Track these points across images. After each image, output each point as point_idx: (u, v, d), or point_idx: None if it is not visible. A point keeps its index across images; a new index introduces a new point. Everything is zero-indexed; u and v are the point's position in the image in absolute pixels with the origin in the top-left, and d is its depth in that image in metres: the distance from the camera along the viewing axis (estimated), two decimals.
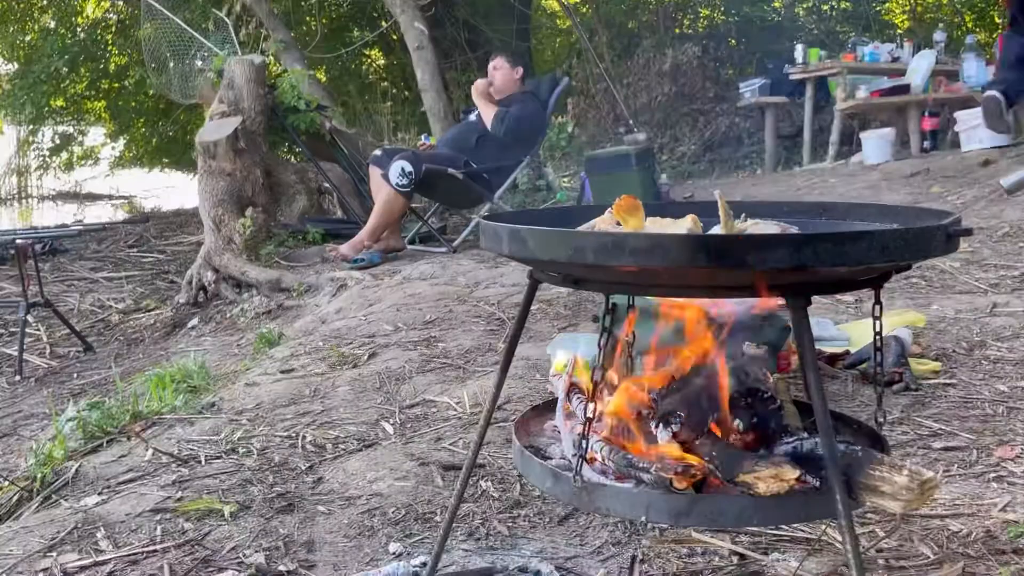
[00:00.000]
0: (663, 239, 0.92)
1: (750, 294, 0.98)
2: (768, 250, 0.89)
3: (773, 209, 1.43)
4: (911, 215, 1.22)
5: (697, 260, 0.90)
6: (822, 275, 0.96)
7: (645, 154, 5.65)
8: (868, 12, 10.35)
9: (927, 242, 0.95)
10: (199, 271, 5.06)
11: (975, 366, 2.35)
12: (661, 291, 1.00)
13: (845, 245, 0.90)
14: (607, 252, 0.92)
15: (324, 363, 2.85)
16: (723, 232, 1.09)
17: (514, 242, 1.02)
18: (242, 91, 5.37)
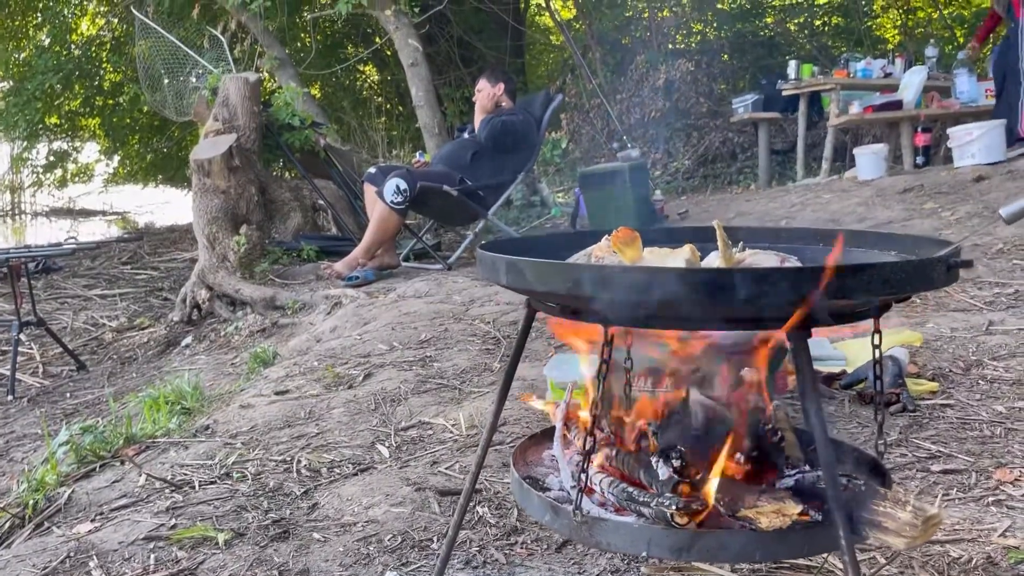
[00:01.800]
0: (661, 273, 0.91)
1: (750, 327, 0.97)
2: (767, 284, 0.88)
3: (771, 235, 1.43)
4: (909, 243, 1.22)
5: (695, 294, 0.89)
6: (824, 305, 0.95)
7: (639, 170, 5.66)
8: (860, 28, 10.43)
9: (928, 274, 0.94)
10: (193, 289, 5.04)
11: (972, 386, 2.34)
12: (659, 324, 0.99)
13: (846, 278, 0.89)
14: (605, 285, 0.92)
15: (319, 384, 2.83)
16: (721, 262, 1.08)
17: (511, 273, 1.02)
18: (236, 109, 5.37)
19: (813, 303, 0.91)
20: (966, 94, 6.16)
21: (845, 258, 1.25)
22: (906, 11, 11.54)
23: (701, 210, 6.03)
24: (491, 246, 1.19)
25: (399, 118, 11.09)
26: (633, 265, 1.03)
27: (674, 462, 0.97)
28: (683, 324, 0.99)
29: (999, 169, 5.00)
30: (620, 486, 1.06)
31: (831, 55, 9.45)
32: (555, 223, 6.60)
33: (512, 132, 4.92)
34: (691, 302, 0.90)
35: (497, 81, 5.18)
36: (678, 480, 0.97)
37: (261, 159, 5.69)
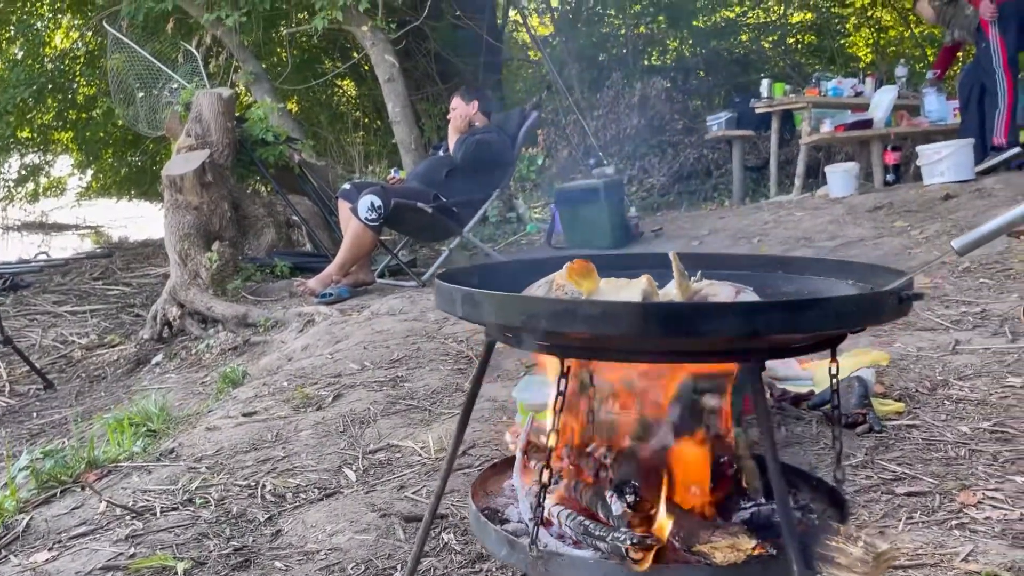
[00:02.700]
0: (615, 307, 0.91)
1: (703, 360, 0.97)
2: (720, 318, 0.88)
3: (732, 262, 1.44)
4: (866, 272, 1.22)
5: (648, 328, 0.89)
6: (775, 341, 0.96)
7: (614, 187, 5.69)
8: (832, 46, 10.57)
9: (879, 308, 0.95)
10: (164, 306, 4.99)
11: (938, 406, 2.36)
12: (614, 356, 0.99)
13: (797, 312, 0.89)
14: (561, 319, 0.92)
15: (288, 405, 2.80)
16: (677, 292, 1.08)
17: (467, 305, 1.01)
18: (210, 124, 5.34)
19: (765, 338, 0.91)
20: (935, 113, 6.26)
21: (802, 288, 1.26)
22: (878, 30, 11.73)
23: (676, 227, 6.06)
24: (450, 275, 1.18)
25: (376, 133, 11.08)
26: (586, 299, 1.03)
27: (627, 497, 0.97)
28: (637, 357, 0.99)
29: (967, 187, 5.07)
30: (577, 519, 1.05)
31: (804, 73, 9.57)
32: (531, 239, 6.61)
33: (487, 150, 4.92)
34: (643, 336, 0.90)
35: (472, 99, 5.19)
36: (632, 515, 0.97)
37: (234, 175, 5.66)
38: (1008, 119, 5.48)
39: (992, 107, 5.51)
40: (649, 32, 10.48)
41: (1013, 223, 1.00)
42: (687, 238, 5.51)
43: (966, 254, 1.06)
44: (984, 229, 1.01)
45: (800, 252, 4.52)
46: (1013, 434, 2.12)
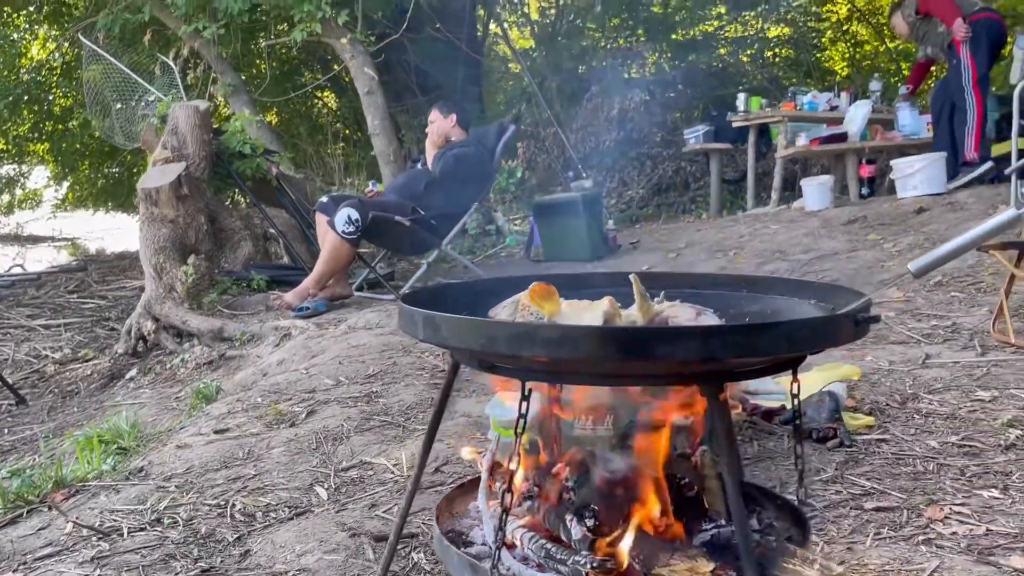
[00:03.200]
0: (573, 331, 0.91)
1: (662, 383, 0.97)
2: (676, 343, 0.89)
3: (698, 281, 1.45)
4: (827, 292, 1.24)
5: (606, 352, 0.89)
6: (732, 363, 0.96)
7: (592, 200, 5.72)
8: (809, 60, 10.69)
9: (835, 331, 0.96)
10: (138, 320, 4.94)
11: (908, 420, 2.38)
12: (574, 379, 0.99)
13: (753, 336, 0.90)
14: (519, 342, 0.92)
15: (261, 422, 2.78)
16: (639, 314, 1.09)
17: (428, 328, 1.01)
18: (186, 137, 5.31)
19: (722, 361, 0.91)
20: (908, 127, 6.34)
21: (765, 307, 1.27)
22: (853, 44, 11.88)
23: (653, 239, 6.09)
24: (413, 297, 1.18)
25: (356, 144, 11.06)
26: (545, 323, 1.03)
27: (587, 521, 0.97)
28: (597, 380, 0.99)
29: (940, 200, 5.14)
30: (540, 542, 1.05)
31: (781, 86, 9.67)
32: (510, 252, 6.62)
33: (465, 164, 4.93)
34: (601, 360, 0.90)
35: (450, 112, 5.20)
36: (593, 538, 0.97)
37: (211, 187, 5.63)
38: (978, 135, 5.56)
39: (961, 123, 5.59)
40: (628, 45, 10.54)
41: (967, 246, 1.01)
42: (664, 250, 5.54)
43: (922, 276, 1.07)
44: (940, 252, 1.03)
45: (775, 265, 4.56)
46: (980, 448, 2.15)
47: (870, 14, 12.02)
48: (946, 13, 5.72)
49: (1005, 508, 1.82)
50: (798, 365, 1.09)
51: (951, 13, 5.69)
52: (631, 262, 5.46)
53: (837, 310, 1.12)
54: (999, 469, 2.02)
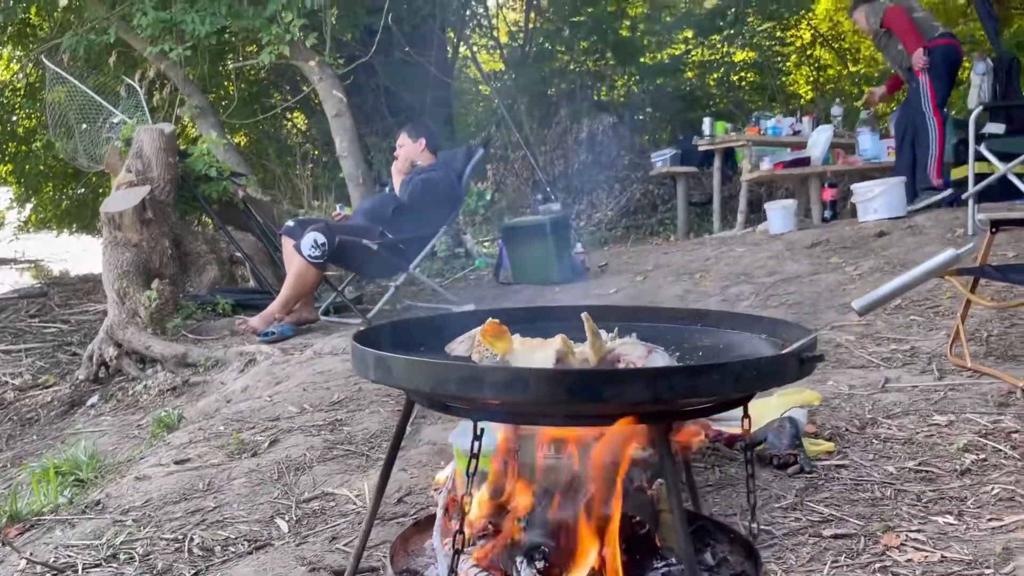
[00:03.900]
0: (522, 374, 0.92)
1: (611, 423, 0.98)
2: (624, 385, 0.89)
3: (653, 315, 1.46)
4: (777, 327, 1.26)
5: (555, 394, 0.90)
6: (680, 403, 0.97)
7: (561, 223, 5.75)
8: (773, 83, 10.88)
9: (780, 370, 0.97)
10: (100, 346, 4.87)
11: (866, 445, 2.41)
12: (525, 420, 0.99)
13: (698, 378, 0.91)
14: (469, 385, 0.92)
15: (222, 451, 2.74)
16: (590, 353, 1.10)
17: (380, 369, 1.01)
18: (151, 160, 5.27)
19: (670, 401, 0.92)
20: (869, 151, 6.47)
21: (717, 342, 1.28)
22: (817, 68, 12.11)
23: (621, 262, 6.13)
24: (367, 335, 1.18)
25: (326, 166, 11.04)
26: (494, 366, 1.03)
27: (537, 563, 0.97)
28: (548, 420, 1.00)
29: (900, 224, 5.23)
30: None
31: (747, 109, 9.82)
32: (479, 274, 6.62)
33: (433, 189, 4.94)
34: (550, 402, 0.91)
35: (419, 136, 5.21)
36: None
37: (176, 211, 5.58)
38: (940, 160, 5.67)
39: (924, 148, 5.69)
40: (598, 69, 10.67)
41: (909, 285, 1.03)
42: (632, 273, 5.58)
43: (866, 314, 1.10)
44: (883, 291, 1.05)
45: (740, 288, 4.61)
46: (936, 474, 2.18)
47: (833, 39, 12.29)
48: (907, 39, 5.81)
49: (960, 535, 1.84)
50: (747, 402, 1.10)
51: (912, 40, 5.78)
52: (599, 285, 5.49)
53: (786, 346, 1.14)
54: (954, 495, 2.05)
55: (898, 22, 5.88)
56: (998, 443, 2.32)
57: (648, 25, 11.15)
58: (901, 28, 5.87)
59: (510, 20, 11.68)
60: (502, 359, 1.09)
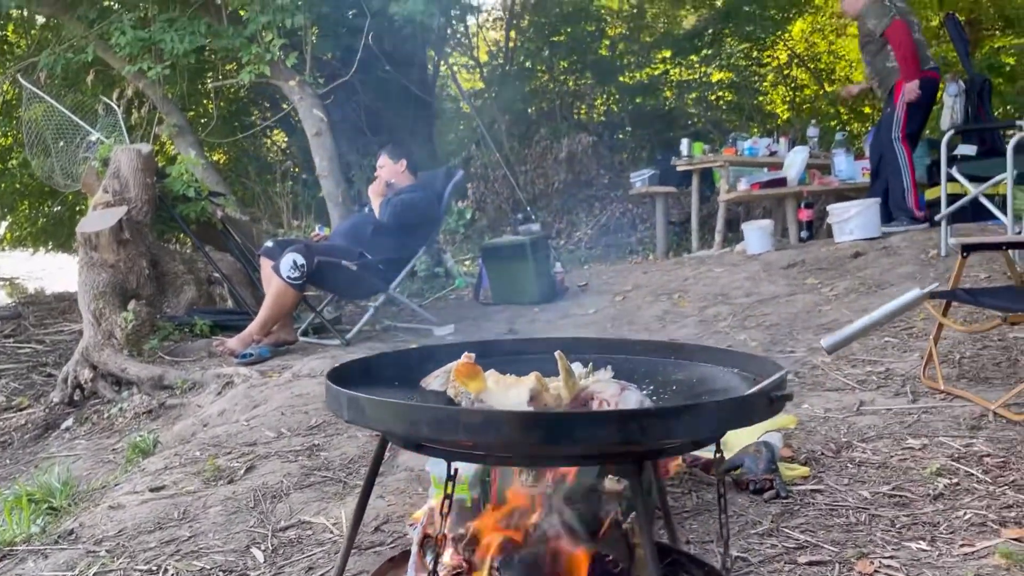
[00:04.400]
0: (495, 416, 0.93)
1: (584, 463, 0.99)
2: (595, 427, 0.90)
3: (628, 348, 1.47)
4: (749, 362, 1.27)
5: (527, 436, 0.90)
6: (652, 443, 0.98)
7: (540, 243, 5.77)
8: (750, 103, 11.01)
9: (749, 411, 0.98)
10: (76, 368, 4.82)
11: (841, 469, 2.43)
12: (499, 460, 1.00)
13: (670, 419, 0.92)
14: (442, 427, 0.93)
15: (198, 478, 2.72)
16: (564, 391, 1.11)
17: (353, 409, 1.01)
18: (128, 180, 5.23)
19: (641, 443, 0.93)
20: (844, 172, 6.55)
21: (691, 375, 1.30)
22: (794, 88, 12.27)
23: (601, 281, 6.16)
24: (341, 372, 1.18)
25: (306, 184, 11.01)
26: (467, 408, 1.04)
27: None
28: (521, 461, 1.00)
29: (875, 244, 5.30)
30: None
31: (724, 129, 9.93)
32: (459, 294, 6.63)
33: (412, 210, 4.95)
34: (522, 444, 0.92)
35: (399, 157, 5.23)
36: None
37: (154, 231, 5.54)
38: (915, 191, 5.69)
39: (894, 173, 5.67)
40: (577, 88, 10.75)
41: (875, 325, 1.05)
42: (611, 293, 5.61)
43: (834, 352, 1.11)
44: (850, 330, 1.07)
45: (718, 308, 4.65)
46: (910, 498, 2.20)
47: (809, 59, 12.46)
48: (907, 64, 5.62)
49: (932, 561, 1.86)
50: (719, 439, 1.11)
51: (912, 68, 5.61)
52: (578, 305, 5.52)
53: (758, 380, 1.15)
54: (927, 520, 2.07)
55: (904, 43, 5.62)
56: (970, 467, 2.36)
57: (627, 45, 11.26)
58: (904, 50, 5.63)
59: (490, 39, 11.75)
60: (476, 397, 1.10)
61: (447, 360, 1.30)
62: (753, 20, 10.87)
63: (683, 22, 12.30)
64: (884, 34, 5.73)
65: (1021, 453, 2.42)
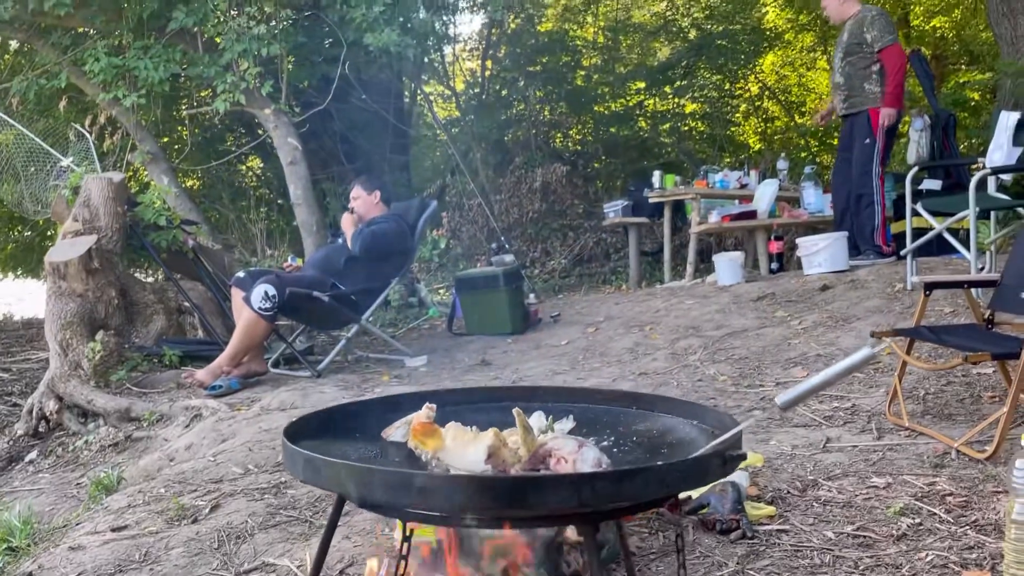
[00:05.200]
0: (449, 481, 0.93)
1: (540, 525, 0.99)
2: (549, 492, 0.91)
3: (591, 397, 1.48)
4: (708, 415, 1.29)
5: (481, 501, 0.91)
6: (605, 506, 0.99)
7: (513, 275, 5.79)
8: (721, 135, 11.18)
9: (703, 472, 0.99)
10: (41, 399, 4.74)
11: (807, 508, 2.45)
12: (454, 522, 1.00)
13: (623, 482, 0.93)
14: (395, 491, 0.93)
15: (161, 517, 2.68)
16: (522, 448, 1.11)
17: (308, 470, 1.01)
18: (99, 209, 5.20)
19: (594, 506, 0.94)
20: (813, 205, 6.65)
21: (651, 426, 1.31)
22: (765, 120, 12.47)
23: (574, 312, 6.18)
24: (300, 425, 1.18)
25: (281, 209, 10.98)
26: (420, 473, 1.04)
27: None
28: (476, 523, 1.00)
29: (843, 278, 5.36)
30: None
31: (697, 160, 10.07)
32: (432, 324, 6.62)
33: (384, 241, 4.95)
34: (476, 508, 0.92)
35: (373, 189, 5.24)
36: None
37: (124, 259, 5.50)
38: (884, 226, 5.74)
39: (868, 208, 5.65)
40: (553, 117, 10.84)
41: (828, 382, 1.07)
42: (583, 324, 5.63)
43: (788, 409, 1.13)
44: (804, 387, 1.08)
45: (688, 341, 4.68)
46: (874, 539, 2.22)
47: (780, 92, 12.68)
48: (896, 91, 5.51)
49: None
50: (676, 497, 1.12)
51: (897, 97, 5.52)
52: (551, 336, 5.53)
53: (716, 434, 1.17)
54: (890, 561, 2.09)
55: (901, 69, 5.51)
56: (933, 506, 2.38)
57: (602, 76, 11.39)
58: (899, 76, 5.51)
59: (466, 69, 11.83)
60: (433, 456, 1.10)
61: (409, 410, 1.30)
62: (725, 53, 11.06)
63: (657, 54, 12.49)
64: (881, 53, 5.53)
65: (983, 492, 2.45)
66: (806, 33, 12.31)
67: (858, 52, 5.67)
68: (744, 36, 11.28)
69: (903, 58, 5.65)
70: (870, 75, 5.65)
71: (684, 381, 4.03)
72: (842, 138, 6.01)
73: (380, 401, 1.41)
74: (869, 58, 5.63)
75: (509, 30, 11.04)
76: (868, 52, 5.62)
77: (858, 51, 5.67)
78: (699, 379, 4.03)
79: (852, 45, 5.69)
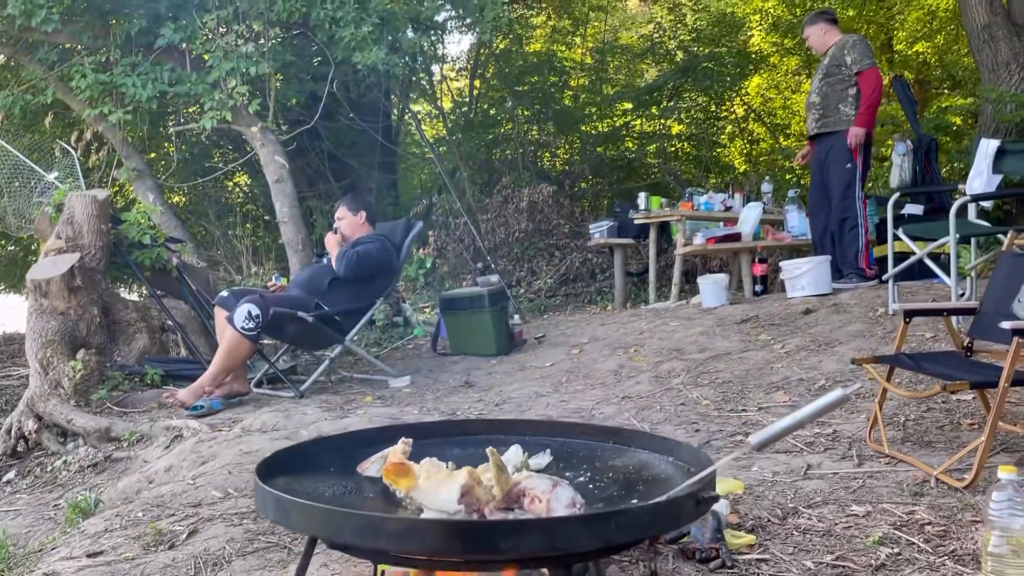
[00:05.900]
0: (419, 526, 0.93)
1: (512, 567, 0.99)
2: (520, 536, 0.91)
3: (568, 431, 1.49)
4: (684, 452, 1.29)
5: (451, 545, 0.91)
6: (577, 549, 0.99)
7: (498, 295, 5.80)
8: (708, 155, 11.26)
9: (676, 514, 1.00)
10: (20, 418, 4.69)
11: (787, 537, 2.45)
12: (425, 566, 1.00)
13: (595, 526, 0.93)
14: (366, 534, 0.92)
15: (138, 543, 2.66)
16: (496, 488, 1.11)
17: (279, 511, 1.01)
18: (82, 227, 5.17)
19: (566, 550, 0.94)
20: (796, 228, 6.70)
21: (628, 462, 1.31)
22: (750, 141, 12.58)
23: (558, 332, 6.19)
24: (275, 461, 1.18)
25: (267, 225, 10.95)
26: (390, 516, 1.04)
27: None
28: (448, 566, 1.00)
29: (826, 301, 5.40)
30: None
31: (683, 181, 10.14)
32: (417, 343, 6.61)
33: (368, 262, 4.95)
34: (447, 552, 0.92)
35: (358, 209, 5.24)
36: None
37: (107, 277, 5.46)
38: (867, 249, 5.78)
39: (852, 231, 5.67)
40: (540, 137, 10.89)
41: (801, 422, 1.08)
42: (568, 346, 5.63)
43: (762, 449, 1.14)
44: (777, 427, 1.09)
45: (672, 364, 4.69)
46: (853, 569, 2.22)
47: (765, 114, 12.81)
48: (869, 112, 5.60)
49: None
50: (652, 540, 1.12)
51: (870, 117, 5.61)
52: (536, 357, 5.53)
53: (691, 471, 1.17)
54: None
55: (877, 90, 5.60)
56: (912, 535, 2.39)
57: (589, 96, 11.47)
58: (875, 97, 5.63)
59: (454, 88, 11.89)
60: (406, 495, 1.10)
61: (385, 444, 1.30)
62: (711, 75, 11.16)
63: (644, 75, 12.59)
64: (859, 75, 5.63)
65: (961, 521, 2.46)
66: (791, 57, 12.46)
67: (837, 74, 5.76)
68: (730, 59, 11.40)
69: (879, 81, 5.72)
70: (846, 97, 5.73)
71: (667, 405, 4.03)
72: (815, 162, 6.00)
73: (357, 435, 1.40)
74: (847, 80, 5.72)
75: (497, 50, 11.11)
76: (847, 74, 5.71)
77: (837, 72, 5.76)
78: (682, 403, 4.04)
79: (832, 67, 5.80)
